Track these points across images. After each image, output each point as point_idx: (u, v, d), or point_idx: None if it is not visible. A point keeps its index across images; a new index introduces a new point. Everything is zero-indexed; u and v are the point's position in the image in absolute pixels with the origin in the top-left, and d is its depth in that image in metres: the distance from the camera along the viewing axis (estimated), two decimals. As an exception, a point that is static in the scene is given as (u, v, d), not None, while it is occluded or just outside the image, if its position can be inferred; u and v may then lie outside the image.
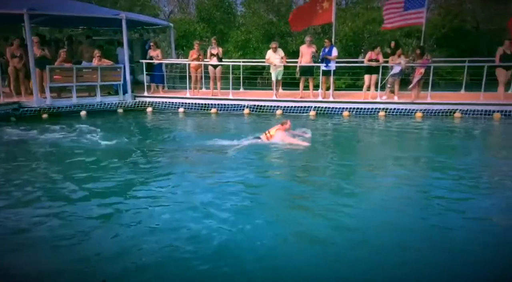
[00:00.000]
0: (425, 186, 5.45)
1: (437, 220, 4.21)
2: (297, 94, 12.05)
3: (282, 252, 3.58)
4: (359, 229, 3.98)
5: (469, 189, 5.17)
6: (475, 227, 4.07)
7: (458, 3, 18.34)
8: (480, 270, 3.31)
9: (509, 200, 4.86)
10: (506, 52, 10.53)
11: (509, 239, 3.83)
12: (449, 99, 11.34)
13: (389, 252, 3.54)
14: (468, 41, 17.82)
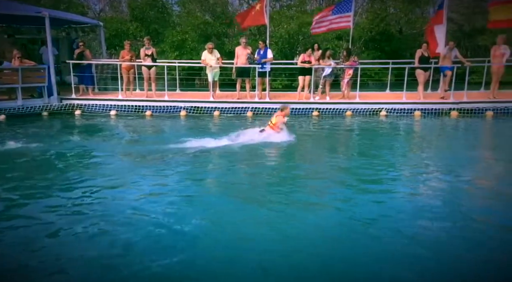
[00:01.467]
0: (351, 179, 5.75)
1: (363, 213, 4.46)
2: (234, 95, 12.12)
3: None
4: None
5: (394, 183, 5.56)
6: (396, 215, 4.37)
7: (384, 7, 19.62)
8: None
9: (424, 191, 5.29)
10: (424, 54, 11.46)
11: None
12: (376, 98, 12.09)
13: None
14: (393, 44, 19.16)
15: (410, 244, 3.73)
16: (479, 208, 4.65)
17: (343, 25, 12.44)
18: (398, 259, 3.48)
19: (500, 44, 11.20)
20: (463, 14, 19.97)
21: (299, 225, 4.10)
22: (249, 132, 8.11)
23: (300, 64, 11.58)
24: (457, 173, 5.93)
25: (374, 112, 11.44)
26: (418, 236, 3.88)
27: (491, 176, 6.02)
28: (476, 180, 5.77)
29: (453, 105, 11.17)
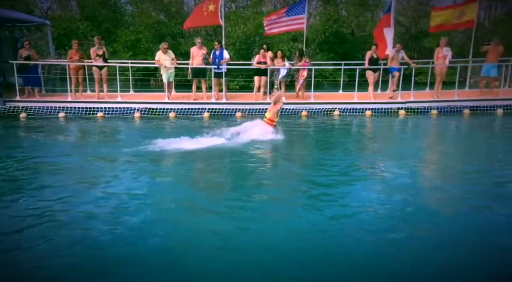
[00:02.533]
0: (306, 177, 5.90)
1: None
2: (190, 96, 12.00)
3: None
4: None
5: (343, 181, 5.75)
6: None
7: (336, 10, 20.21)
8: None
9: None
10: (373, 56, 11.94)
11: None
12: (329, 99, 12.43)
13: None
14: (345, 46, 19.78)
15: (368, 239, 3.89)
16: (426, 199, 4.95)
17: (296, 27, 12.67)
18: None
19: (442, 46, 11.91)
20: (410, 17, 21.01)
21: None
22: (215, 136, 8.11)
23: (256, 65, 11.68)
24: (406, 168, 6.29)
25: (328, 112, 11.75)
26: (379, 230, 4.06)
27: (436, 170, 6.41)
28: (422, 173, 6.13)
29: (401, 105, 11.72)
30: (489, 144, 8.27)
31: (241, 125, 8.65)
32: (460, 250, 3.69)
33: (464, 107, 11.47)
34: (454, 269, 3.41)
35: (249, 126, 8.48)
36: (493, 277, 3.33)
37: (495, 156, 7.22)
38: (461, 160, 6.90)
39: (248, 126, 8.46)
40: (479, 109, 11.50)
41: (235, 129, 8.46)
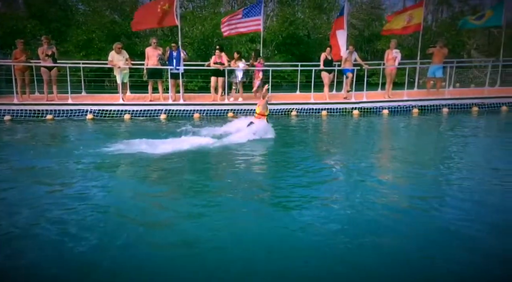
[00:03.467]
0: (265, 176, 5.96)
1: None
2: (146, 98, 11.75)
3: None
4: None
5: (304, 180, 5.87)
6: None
7: (292, 12, 20.56)
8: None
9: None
10: (328, 57, 12.26)
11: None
12: (287, 99, 12.62)
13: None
14: (302, 47, 20.16)
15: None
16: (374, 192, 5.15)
17: (253, 29, 12.76)
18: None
19: (392, 48, 12.44)
20: (363, 20, 21.77)
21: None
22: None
23: (213, 65, 11.64)
24: (362, 164, 6.56)
25: (286, 112, 11.93)
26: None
27: (389, 166, 6.69)
28: (374, 170, 6.36)
29: (354, 105, 12.12)
30: (436, 140, 8.75)
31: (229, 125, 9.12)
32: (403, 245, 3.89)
33: (413, 107, 12.06)
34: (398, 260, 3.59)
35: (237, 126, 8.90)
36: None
37: (442, 151, 7.67)
38: (411, 156, 7.27)
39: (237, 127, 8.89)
40: (427, 108, 12.12)
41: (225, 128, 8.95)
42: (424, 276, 3.36)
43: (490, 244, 3.83)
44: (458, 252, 3.69)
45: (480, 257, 3.61)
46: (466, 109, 12.06)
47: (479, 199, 5.00)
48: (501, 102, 12.20)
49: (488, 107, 12.11)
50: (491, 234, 4.03)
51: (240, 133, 8.32)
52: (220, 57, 11.58)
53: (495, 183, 5.64)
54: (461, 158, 7.15)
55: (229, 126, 9.17)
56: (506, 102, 12.23)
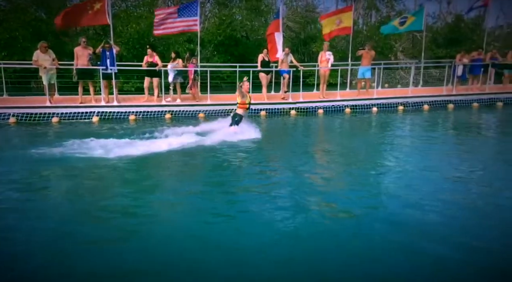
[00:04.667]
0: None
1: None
2: (77, 99, 11.13)
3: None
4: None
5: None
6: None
7: (230, 14, 20.63)
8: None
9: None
10: (265, 59, 12.48)
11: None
12: (226, 100, 12.62)
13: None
14: (240, 48, 20.29)
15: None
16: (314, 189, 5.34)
17: (189, 29, 12.59)
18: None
19: (325, 50, 12.96)
20: (299, 23, 22.43)
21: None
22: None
23: (144, 66, 11.34)
24: (300, 162, 6.77)
25: (226, 113, 11.93)
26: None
27: (326, 161, 6.97)
28: (311, 166, 6.60)
29: (292, 105, 12.46)
30: (367, 138, 9.27)
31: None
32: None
33: (345, 107, 12.66)
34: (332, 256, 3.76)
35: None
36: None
37: (372, 147, 8.16)
38: (344, 152, 7.68)
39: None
40: (358, 108, 12.80)
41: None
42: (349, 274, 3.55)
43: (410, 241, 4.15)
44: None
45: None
46: (393, 108, 12.91)
47: (403, 192, 5.40)
48: (423, 101, 13.22)
49: (412, 106, 13.07)
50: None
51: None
52: (152, 56, 11.30)
53: (422, 175, 6.11)
54: (388, 154, 7.66)
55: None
56: (428, 101, 13.27)
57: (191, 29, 12.61)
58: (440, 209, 4.76)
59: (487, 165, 6.74)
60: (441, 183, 5.71)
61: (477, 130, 10.19)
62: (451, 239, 4.00)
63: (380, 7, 25.65)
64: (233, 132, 8.56)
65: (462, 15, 24.61)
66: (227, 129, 8.77)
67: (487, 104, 13.54)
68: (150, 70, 11.32)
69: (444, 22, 26.04)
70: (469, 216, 4.62)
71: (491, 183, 5.76)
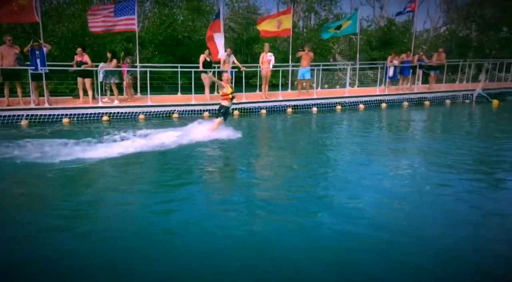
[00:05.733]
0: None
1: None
2: (3, 102, 10.31)
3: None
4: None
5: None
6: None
7: (170, 13, 20.24)
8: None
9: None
10: (207, 59, 12.41)
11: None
12: (168, 101, 12.39)
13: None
14: (182, 49, 19.98)
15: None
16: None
17: (126, 28, 12.18)
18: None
19: (266, 51, 13.17)
20: (241, 24, 22.59)
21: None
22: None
23: (76, 66, 10.83)
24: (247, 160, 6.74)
25: (167, 114, 11.71)
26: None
27: (273, 159, 7.09)
28: (257, 164, 6.67)
29: (235, 106, 12.47)
30: (308, 136, 9.58)
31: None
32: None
33: (287, 107, 12.96)
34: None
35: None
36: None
37: (312, 145, 8.46)
38: (288, 150, 7.88)
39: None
40: (299, 107, 13.16)
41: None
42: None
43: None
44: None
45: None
46: (331, 108, 13.44)
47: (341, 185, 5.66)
48: (359, 101, 13.91)
49: (349, 106, 13.69)
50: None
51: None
52: (81, 56, 10.79)
53: (358, 169, 6.45)
54: (327, 151, 7.99)
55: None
56: (363, 101, 13.99)
57: (129, 29, 12.22)
58: (370, 197, 5.12)
59: (416, 158, 7.30)
60: (372, 175, 6.10)
61: (407, 127, 10.94)
62: (375, 223, 4.34)
63: (319, 10, 26.57)
64: (179, 135, 8.44)
65: (393, 19, 26.26)
66: (208, 124, 9.08)
67: (416, 103, 14.57)
68: (82, 71, 10.79)
69: (377, 26, 27.57)
70: (392, 203, 4.99)
71: (421, 174, 6.28)
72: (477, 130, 10.68)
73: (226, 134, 8.73)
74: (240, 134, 8.86)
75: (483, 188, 5.63)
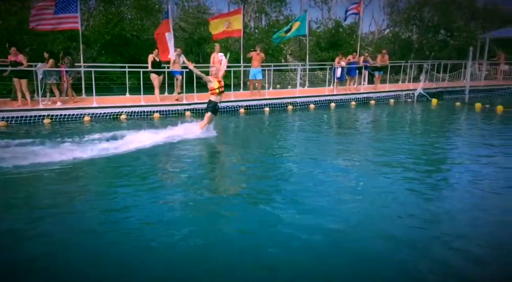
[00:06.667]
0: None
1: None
2: None
3: None
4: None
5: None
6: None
7: (117, 12, 19.50)
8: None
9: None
10: (156, 59, 12.10)
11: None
12: (115, 102, 11.94)
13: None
14: (131, 48, 19.31)
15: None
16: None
17: (69, 26, 11.61)
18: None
19: (217, 52, 13.11)
20: (191, 24, 22.26)
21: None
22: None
23: (11, 66, 10.17)
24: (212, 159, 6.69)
25: (115, 116, 11.29)
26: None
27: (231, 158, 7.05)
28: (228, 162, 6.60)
29: (186, 107, 12.30)
30: (261, 137, 9.66)
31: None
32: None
33: (240, 107, 12.97)
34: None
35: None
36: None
37: (265, 144, 8.54)
38: (244, 149, 7.94)
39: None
40: (251, 108, 13.22)
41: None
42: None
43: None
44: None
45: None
46: (283, 108, 13.64)
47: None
48: (309, 101, 14.23)
49: (300, 106, 13.97)
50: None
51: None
52: (16, 55, 10.13)
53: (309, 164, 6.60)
54: (279, 149, 8.10)
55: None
56: (313, 101, 14.33)
57: (72, 27, 11.64)
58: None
59: (363, 154, 7.66)
60: (322, 170, 6.28)
61: (354, 125, 11.40)
62: (320, 222, 4.45)
63: (269, 12, 26.81)
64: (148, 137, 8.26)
65: (340, 21, 27.16)
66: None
67: (362, 102, 15.17)
68: (17, 71, 10.11)
69: (326, 28, 28.34)
70: (343, 198, 5.15)
71: (369, 167, 6.62)
72: (418, 127, 11.32)
73: (179, 136, 8.54)
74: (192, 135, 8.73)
75: (423, 181, 5.99)
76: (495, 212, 4.88)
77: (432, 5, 25.56)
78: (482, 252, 3.85)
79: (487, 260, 3.73)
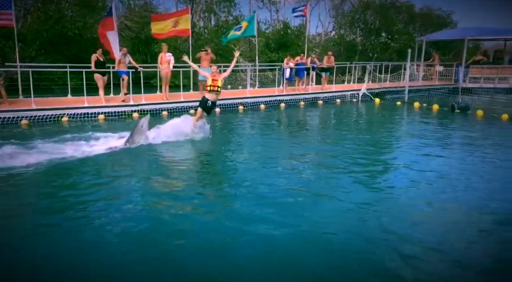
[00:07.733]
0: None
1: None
2: None
3: None
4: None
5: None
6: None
7: (58, 9, 18.49)
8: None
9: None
10: (100, 59, 11.65)
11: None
12: (56, 104, 11.34)
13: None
14: (73, 47, 18.41)
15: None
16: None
17: (4, 23, 10.84)
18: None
19: (165, 52, 12.83)
20: (137, 23, 21.62)
21: None
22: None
23: None
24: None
25: (55, 118, 10.72)
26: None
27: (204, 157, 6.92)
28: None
29: (134, 108, 11.95)
30: (213, 137, 9.60)
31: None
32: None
33: (190, 108, 12.73)
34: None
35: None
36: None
37: (218, 146, 8.49)
38: (197, 152, 7.83)
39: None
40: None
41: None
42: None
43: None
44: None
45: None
46: (234, 108, 13.67)
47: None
48: (260, 101, 14.38)
49: (251, 106, 14.07)
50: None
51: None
52: None
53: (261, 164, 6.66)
54: (230, 150, 8.12)
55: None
56: (263, 101, 14.49)
57: (6, 24, 10.88)
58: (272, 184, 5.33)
59: (314, 151, 7.95)
60: (271, 168, 6.38)
61: (304, 124, 11.71)
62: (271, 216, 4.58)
63: (218, 12, 26.73)
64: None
65: (288, 22, 27.72)
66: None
67: (310, 102, 15.60)
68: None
69: (274, 29, 28.76)
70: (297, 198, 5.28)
71: (321, 163, 6.90)
72: (363, 125, 11.85)
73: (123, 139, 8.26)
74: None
75: (369, 172, 6.29)
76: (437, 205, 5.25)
77: (374, 9, 26.86)
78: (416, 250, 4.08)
79: (420, 258, 3.97)
